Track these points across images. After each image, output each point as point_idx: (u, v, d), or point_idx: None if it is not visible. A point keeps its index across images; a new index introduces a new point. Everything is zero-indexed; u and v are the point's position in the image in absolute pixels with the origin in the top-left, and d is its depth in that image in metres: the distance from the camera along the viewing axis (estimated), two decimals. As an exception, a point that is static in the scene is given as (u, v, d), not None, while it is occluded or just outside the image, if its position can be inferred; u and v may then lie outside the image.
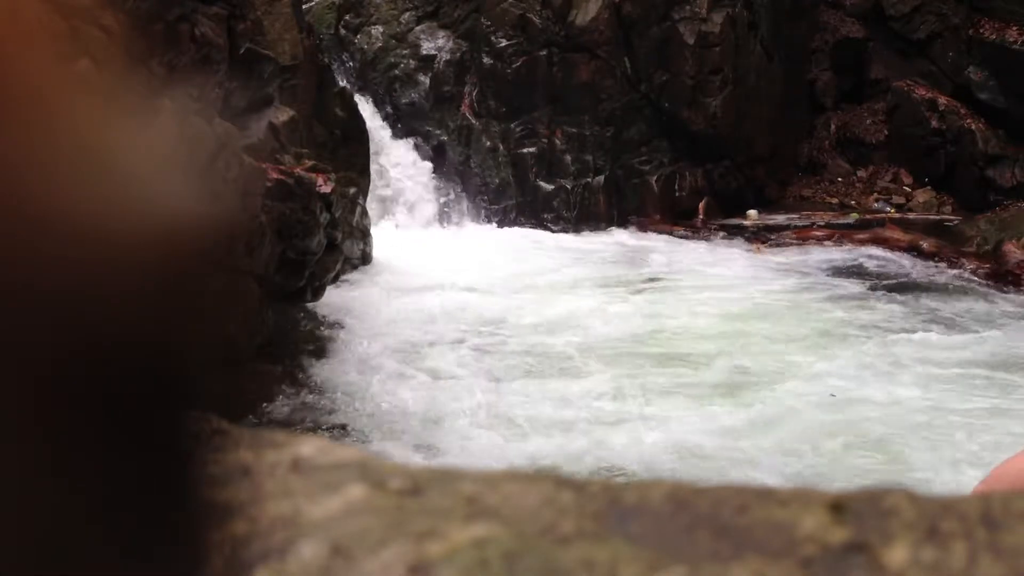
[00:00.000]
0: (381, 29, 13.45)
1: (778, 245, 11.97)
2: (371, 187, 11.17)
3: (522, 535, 0.85)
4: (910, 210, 13.34)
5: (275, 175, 7.90)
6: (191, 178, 0.48)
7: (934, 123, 13.58)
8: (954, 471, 6.34)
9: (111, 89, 0.47)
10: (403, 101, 13.15)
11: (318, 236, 8.33)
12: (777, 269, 11.26)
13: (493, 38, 12.93)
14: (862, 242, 11.78)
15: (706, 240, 12.36)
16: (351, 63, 13.33)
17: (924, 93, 13.77)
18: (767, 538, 0.83)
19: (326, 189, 8.45)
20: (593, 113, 12.95)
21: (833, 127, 14.40)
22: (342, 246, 9.19)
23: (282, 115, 8.97)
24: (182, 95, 7.41)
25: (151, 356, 0.46)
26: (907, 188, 13.75)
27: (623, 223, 12.78)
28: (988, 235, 11.73)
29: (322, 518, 0.90)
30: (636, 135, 13.11)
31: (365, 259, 10.32)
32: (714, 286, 10.55)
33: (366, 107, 12.28)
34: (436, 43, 13.26)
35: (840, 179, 14.10)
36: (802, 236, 12.16)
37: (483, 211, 12.80)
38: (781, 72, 13.79)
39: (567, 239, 12.37)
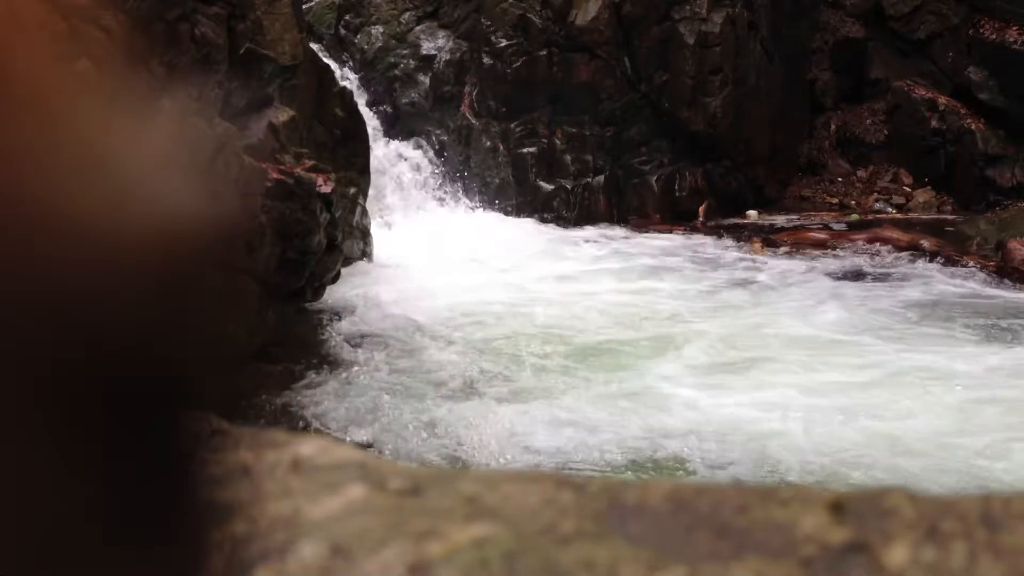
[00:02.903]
0: (381, 29, 13.45)
1: (777, 245, 11.96)
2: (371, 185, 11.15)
3: (522, 535, 0.85)
4: (910, 210, 13.34)
5: (275, 175, 7.90)
6: (191, 178, 0.48)
7: (934, 123, 13.58)
8: None
9: (111, 89, 0.47)
10: (403, 101, 13.15)
11: (318, 236, 8.34)
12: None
13: (493, 38, 12.92)
14: (861, 242, 11.79)
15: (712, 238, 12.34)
16: (351, 63, 13.33)
17: (924, 93, 13.76)
18: (767, 538, 0.83)
19: (326, 189, 8.46)
20: (593, 113, 12.95)
21: (833, 127, 14.40)
22: (342, 246, 9.19)
23: (282, 115, 8.97)
24: (182, 95, 7.41)
25: (151, 356, 0.46)
26: (907, 188, 13.75)
27: (623, 222, 12.77)
28: (988, 235, 11.74)
29: (322, 518, 0.90)
30: (636, 135, 13.10)
31: (365, 259, 10.32)
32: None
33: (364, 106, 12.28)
34: (436, 43, 13.26)
35: (840, 179, 14.10)
36: (798, 237, 12.14)
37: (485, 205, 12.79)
38: (781, 72, 13.78)
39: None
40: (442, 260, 10.81)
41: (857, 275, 10.98)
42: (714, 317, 9.57)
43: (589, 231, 12.39)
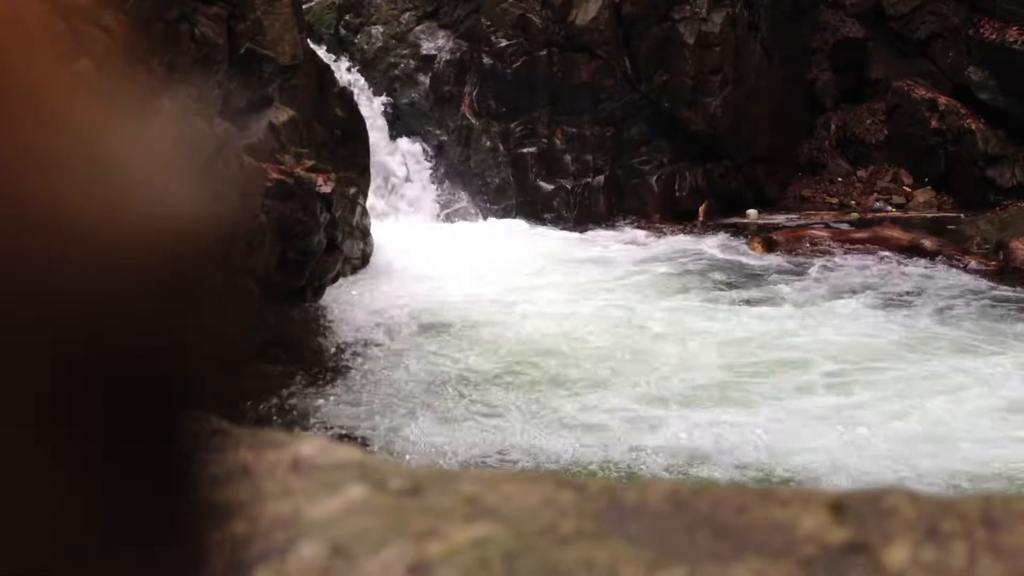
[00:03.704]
0: (381, 29, 13.45)
1: (778, 245, 11.95)
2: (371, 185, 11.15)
3: (522, 535, 0.85)
4: (910, 210, 13.34)
5: (275, 175, 7.91)
6: (191, 178, 0.48)
7: (934, 123, 13.58)
8: None
9: (111, 89, 0.47)
10: (403, 101, 13.15)
11: (318, 236, 8.34)
12: None
13: (493, 38, 12.92)
14: (862, 242, 11.79)
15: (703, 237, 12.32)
16: (351, 63, 13.32)
17: (924, 93, 13.76)
18: (767, 538, 0.83)
19: (326, 189, 8.46)
20: (593, 113, 12.94)
21: (833, 127, 14.40)
22: (342, 246, 9.20)
23: (282, 115, 8.97)
24: (182, 95, 7.42)
25: (151, 356, 0.46)
26: (907, 188, 13.75)
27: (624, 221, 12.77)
28: (988, 235, 11.75)
29: (322, 518, 0.90)
30: (636, 135, 13.10)
31: (365, 259, 10.32)
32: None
33: (367, 105, 12.28)
34: (436, 43, 13.26)
35: (840, 179, 14.10)
36: (799, 237, 12.14)
37: (486, 209, 12.79)
38: (781, 72, 13.78)
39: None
40: (442, 262, 10.80)
41: (859, 275, 10.98)
42: (713, 323, 9.56)
43: (591, 234, 12.36)
